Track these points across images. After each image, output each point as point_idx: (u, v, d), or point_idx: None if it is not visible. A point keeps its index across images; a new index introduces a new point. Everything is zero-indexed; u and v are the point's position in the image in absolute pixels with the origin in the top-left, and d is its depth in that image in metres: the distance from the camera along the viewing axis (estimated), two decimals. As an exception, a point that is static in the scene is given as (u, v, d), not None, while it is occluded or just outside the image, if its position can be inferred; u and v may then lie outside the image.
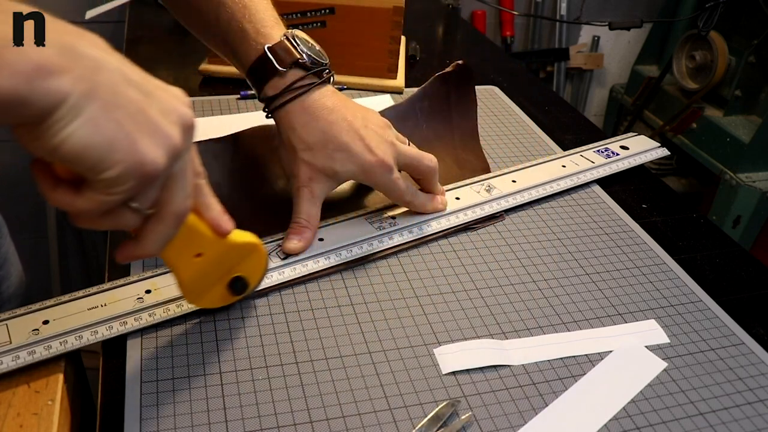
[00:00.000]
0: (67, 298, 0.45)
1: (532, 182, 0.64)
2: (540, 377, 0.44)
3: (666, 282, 0.54)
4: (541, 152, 0.72)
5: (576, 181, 0.65)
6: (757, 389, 0.45)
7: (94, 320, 0.44)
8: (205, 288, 0.44)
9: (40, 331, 0.43)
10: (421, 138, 0.66)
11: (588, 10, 1.91)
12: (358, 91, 0.84)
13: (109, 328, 0.44)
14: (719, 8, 1.46)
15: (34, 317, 0.44)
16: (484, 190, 0.61)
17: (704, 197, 1.71)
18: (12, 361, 0.41)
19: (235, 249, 0.43)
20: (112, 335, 0.44)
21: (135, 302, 0.46)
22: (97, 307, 0.45)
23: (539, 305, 0.51)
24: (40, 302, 0.45)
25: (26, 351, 0.42)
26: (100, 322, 0.44)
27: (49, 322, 0.43)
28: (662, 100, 1.82)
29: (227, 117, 0.75)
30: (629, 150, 0.71)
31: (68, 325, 0.43)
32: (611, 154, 0.70)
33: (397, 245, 0.54)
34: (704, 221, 0.64)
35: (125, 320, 0.44)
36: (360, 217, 0.56)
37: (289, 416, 0.40)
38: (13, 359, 0.41)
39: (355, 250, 0.53)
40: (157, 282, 0.47)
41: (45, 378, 0.42)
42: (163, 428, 0.39)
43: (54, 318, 0.44)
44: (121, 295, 0.46)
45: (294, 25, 0.81)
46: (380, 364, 0.44)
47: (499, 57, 1.07)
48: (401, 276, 0.52)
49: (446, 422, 0.40)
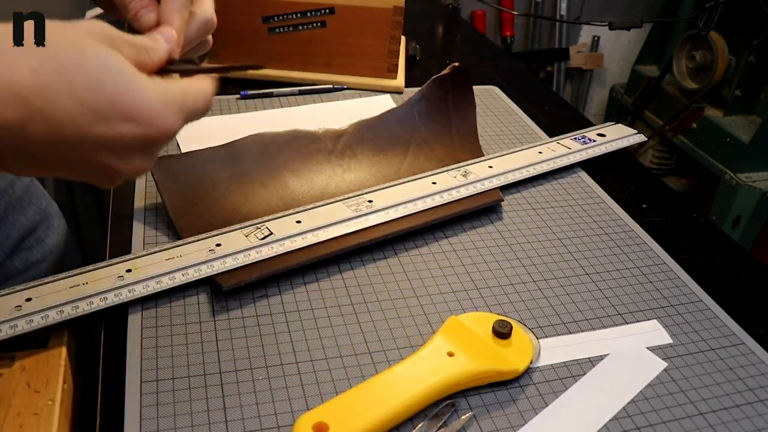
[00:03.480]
0: (49, 279, 0.47)
1: (509, 167, 0.65)
2: (540, 377, 0.44)
3: (666, 282, 0.54)
4: (541, 152, 0.72)
5: (552, 165, 0.67)
6: (757, 389, 0.45)
7: (76, 296, 0.45)
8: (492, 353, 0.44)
9: (22, 307, 0.44)
10: (421, 140, 0.66)
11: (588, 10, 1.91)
12: (358, 91, 0.84)
13: (90, 304, 0.45)
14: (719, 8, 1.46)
15: (17, 295, 0.45)
16: (461, 175, 0.62)
17: (704, 197, 1.71)
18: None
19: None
20: (93, 310, 0.45)
21: (116, 280, 0.47)
22: (78, 285, 0.46)
23: (539, 305, 0.51)
24: (23, 283, 0.46)
25: (8, 325, 0.43)
26: (81, 299, 0.45)
27: (31, 299, 0.45)
28: (662, 100, 1.83)
29: (227, 117, 0.75)
30: (606, 137, 0.73)
31: (50, 301, 0.44)
32: (588, 140, 0.72)
33: (374, 225, 0.55)
34: (704, 221, 0.64)
35: (106, 296, 0.46)
36: (338, 202, 0.57)
37: (289, 416, 0.40)
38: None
39: (332, 230, 0.53)
40: (137, 262, 0.49)
41: (45, 378, 0.42)
42: (163, 428, 0.39)
43: (36, 296, 0.45)
44: (102, 274, 0.47)
45: (294, 25, 0.81)
46: (380, 364, 0.44)
47: (499, 57, 1.07)
48: (401, 276, 0.52)
49: (446, 422, 0.40)
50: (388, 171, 0.63)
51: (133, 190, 0.60)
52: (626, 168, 0.72)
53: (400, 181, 0.61)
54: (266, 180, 0.59)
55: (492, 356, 0.43)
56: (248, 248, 0.51)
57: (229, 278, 0.49)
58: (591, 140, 0.72)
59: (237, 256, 0.50)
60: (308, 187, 0.60)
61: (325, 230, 0.53)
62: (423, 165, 0.65)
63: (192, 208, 0.55)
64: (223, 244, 0.51)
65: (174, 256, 0.50)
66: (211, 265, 0.49)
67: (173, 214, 0.54)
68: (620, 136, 0.73)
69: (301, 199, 0.59)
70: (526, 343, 0.45)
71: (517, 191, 0.65)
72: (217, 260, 0.49)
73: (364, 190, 0.59)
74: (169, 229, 0.55)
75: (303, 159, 0.61)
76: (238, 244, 0.51)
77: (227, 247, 0.51)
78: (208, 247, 0.50)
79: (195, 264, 0.49)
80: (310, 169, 0.61)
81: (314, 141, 0.63)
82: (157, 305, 0.47)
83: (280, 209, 0.56)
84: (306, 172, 0.61)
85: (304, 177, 0.60)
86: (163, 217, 0.56)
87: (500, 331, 0.44)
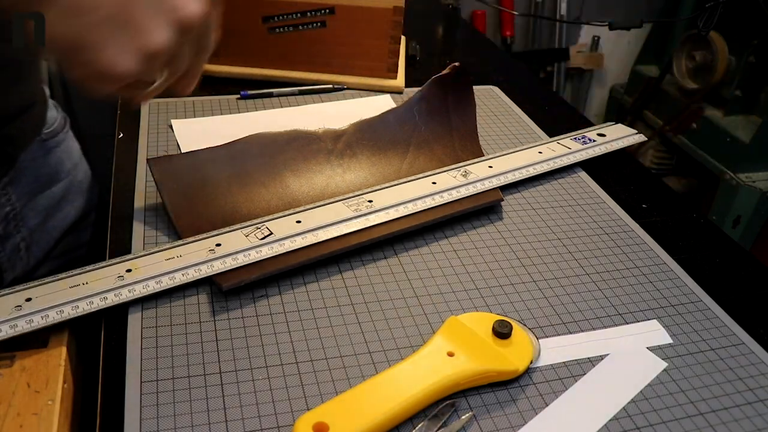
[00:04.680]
0: (49, 279, 0.47)
1: (509, 167, 0.65)
2: (540, 377, 0.44)
3: (666, 282, 0.54)
4: (541, 152, 0.72)
5: (552, 165, 0.67)
6: (757, 389, 0.45)
7: (76, 296, 0.45)
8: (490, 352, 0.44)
9: (22, 307, 0.44)
10: (421, 140, 0.66)
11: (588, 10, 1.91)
12: (358, 91, 0.84)
13: (90, 304, 0.45)
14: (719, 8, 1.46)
15: (17, 295, 0.45)
16: (461, 175, 0.62)
17: (704, 197, 1.71)
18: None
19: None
20: (93, 310, 0.45)
21: (116, 280, 0.47)
22: (78, 285, 0.46)
23: (539, 305, 0.51)
24: (23, 283, 0.46)
25: (8, 325, 0.43)
26: (81, 298, 0.45)
27: (31, 299, 0.45)
28: (662, 100, 1.83)
29: (227, 117, 0.75)
30: (606, 137, 0.73)
31: (50, 301, 0.44)
32: (588, 140, 0.72)
33: (374, 225, 0.55)
34: (704, 221, 0.64)
35: (105, 296, 0.46)
36: (338, 202, 0.57)
37: (289, 416, 0.40)
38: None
39: (331, 230, 0.53)
40: (137, 262, 0.49)
41: (45, 378, 0.42)
42: (163, 428, 0.39)
43: (36, 296, 0.45)
44: (102, 274, 0.47)
45: (294, 25, 0.81)
46: (380, 364, 0.44)
47: (499, 57, 1.07)
48: (401, 276, 0.52)
49: (446, 422, 0.40)
50: (388, 171, 0.63)
51: (133, 190, 0.60)
52: (626, 168, 0.72)
53: (400, 181, 0.61)
54: (266, 180, 0.59)
55: (492, 356, 0.43)
56: (248, 248, 0.51)
57: (229, 278, 0.49)
58: (591, 140, 0.72)
59: (237, 256, 0.50)
60: (308, 186, 0.60)
61: (325, 230, 0.53)
62: (423, 165, 0.65)
63: (192, 208, 0.55)
64: (223, 244, 0.51)
65: (174, 256, 0.50)
66: (211, 265, 0.49)
67: (173, 214, 0.54)
68: (620, 136, 0.73)
69: (301, 199, 0.59)
70: (526, 343, 0.45)
71: (517, 191, 0.65)
72: (217, 260, 0.49)
73: (364, 189, 0.59)
74: (169, 229, 0.55)
75: (303, 159, 0.61)
76: (238, 244, 0.51)
77: (227, 247, 0.51)
78: (208, 247, 0.50)
79: (195, 264, 0.49)
80: (310, 168, 0.61)
81: (314, 141, 0.63)
82: (157, 305, 0.47)
83: (280, 209, 0.57)
84: (306, 171, 0.61)
85: (304, 177, 0.60)
86: (163, 217, 0.56)
87: (500, 331, 0.44)
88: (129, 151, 0.67)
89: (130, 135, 0.70)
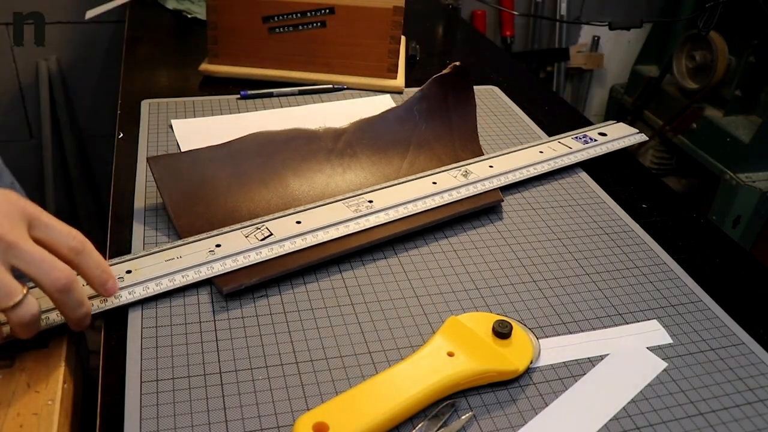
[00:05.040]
0: None
1: (510, 167, 0.64)
2: (540, 377, 0.44)
3: (666, 282, 0.54)
4: (541, 152, 0.72)
5: (553, 165, 0.67)
6: (757, 389, 0.45)
7: None
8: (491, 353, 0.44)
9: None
10: (421, 139, 0.66)
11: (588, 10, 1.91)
12: (358, 91, 0.84)
13: (90, 305, 0.44)
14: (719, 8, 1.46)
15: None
16: (461, 175, 0.62)
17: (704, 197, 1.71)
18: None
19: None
20: (94, 311, 0.45)
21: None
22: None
23: (539, 305, 0.51)
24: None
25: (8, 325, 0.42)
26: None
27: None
28: (662, 100, 1.82)
29: (227, 117, 0.75)
30: (607, 136, 0.73)
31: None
32: (589, 140, 0.72)
33: (374, 226, 0.55)
34: (704, 221, 0.64)
35: (105, 298, 0.45)
36: (338, 202, 0.57)
37: (289, 416, 0.40)
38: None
39: (331, 231, 0.53)
40: (137, 263, 0.49)
41: (45, 378, 0.42)
42: (163, 428, 0.39)
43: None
44: None
45: (294, 25, 0.81)
46: (380, 364, 0.44)
47: (499, 57, 1.07)
48: (401, 276, 0.52)
49: (446, 422, 0.40)
50: (388, 170, 0.63)
51: (133, 190, 0.60)
52: (626, 168, 0.72)
53: (401, 180, 0.61)
54: (266, 179, 0.59)
55: (492, 356, 0.43)
56: (248, 249, 0.51)
57: (229, 281, 0.48)
58: (592, 139, 0.72)
59: (237, 257, 0.50)
60: (308, 186, 0.60)
61: (325, 231, 0.53)
62: (423, 164, 0.65)
63: (192, 208, 0.55)
64: (222, 244, 0.51)
65: (174, 257, 0.50)
66: (211, 267, 0.49)
67: (173, 213, 0.54)
68: (621, 136, 0.73)
69: (301, 199, 0.59)
70: (526, 343, 0.45)
71: (517, 191, 0.65)
72: (217, 261, 0.49)
73: (365, 189, 0.59)
74: (169, 229, 0.55)
75: (303, 158, 0.61)
76: (238, 245, 0.51)
77: (227, 248, 0.51)
78: (207, 248, 0.50)
79: (195, 265, 0.49)
80: (311, 168, 0.61)
81: (314, 140, 0.63)
82: (157, 305, 0.47)
83: (280, 208, 0.56)
84: (306, 171, 0.61)
85: (304, 176, 0.60)
86: (163, 217, 0.56)
87: (500, 331, 0.44)
88: (129, 151, 0.67)
89: (130, 135, 0.70)
